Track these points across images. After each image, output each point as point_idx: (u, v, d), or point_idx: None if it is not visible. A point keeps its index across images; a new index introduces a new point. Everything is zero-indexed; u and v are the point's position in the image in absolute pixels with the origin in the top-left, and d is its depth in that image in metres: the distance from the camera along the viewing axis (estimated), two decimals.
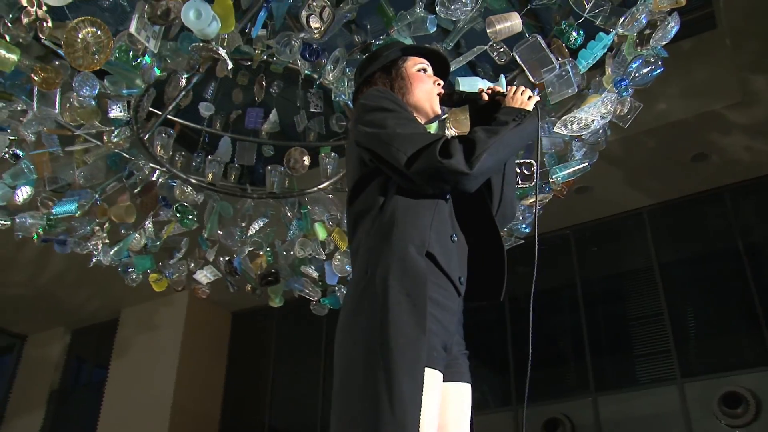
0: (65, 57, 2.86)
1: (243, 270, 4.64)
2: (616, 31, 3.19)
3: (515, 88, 2.06)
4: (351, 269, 3.00)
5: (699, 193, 7.52)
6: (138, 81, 3.19)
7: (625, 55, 3.45)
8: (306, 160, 4.66)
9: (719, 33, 6.52)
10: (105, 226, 4.23)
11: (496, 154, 1.82)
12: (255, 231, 4.49)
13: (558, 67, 3.06)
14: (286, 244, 4.64)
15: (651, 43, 3.21)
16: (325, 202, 4.44)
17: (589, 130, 3.35)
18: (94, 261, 4.41)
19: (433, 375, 1.68)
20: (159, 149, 3.92)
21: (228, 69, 3.08)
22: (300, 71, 3.45)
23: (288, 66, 3.55)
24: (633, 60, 3.30)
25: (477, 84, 2.14)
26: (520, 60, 3.01)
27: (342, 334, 1.75)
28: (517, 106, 1.99)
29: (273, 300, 4.86)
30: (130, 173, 4.31)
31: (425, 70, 2.18)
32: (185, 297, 8.84)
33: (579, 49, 3.31)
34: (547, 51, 3.00)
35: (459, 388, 1.90)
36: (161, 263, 4.64)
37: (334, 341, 1.77)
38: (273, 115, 4.99)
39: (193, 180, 4.27)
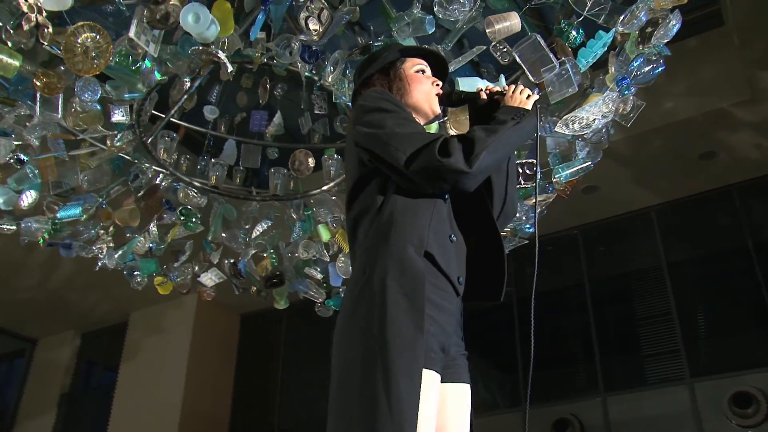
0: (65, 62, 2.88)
1: (248, 272, 4.65)
2: (615, 30, 3.18)
3: (514, 87, 2.07)
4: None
5: (707, 192, 7.48)
6: (139, 85, 3.21)
7: (628, 54, 3.43)
8: (311, 161, 4.67)
9: (726, 30, 6.49)
10: (110, 229, 4.25)
11: (495, 152, 1.82)
12: (258, 233, 4.49)
13: (558, 66, 3.05)
14: (290, 246, 4.64)
15: (653, 41, 3.19)
16: (329, 203, 4.44)
17: (591, 129, 3.33)
18: (99, 264, 4.43)
19: (431, 376, 1.68)
20: (162, 152, 3.93)
21: (229, 72, 3.09)
22: (300, 73, 3.45)
23: (289, 68, 3.55)
24: (635, 58, 3.28)
25: (476, 84, 2.14)
26: (519, 59, 3.00)
27: (340, 334, 1.74)
28: (516, 105, 1.99)
29: (278, 302, 4.87)
30: (135, 176, 4.33)
31: (424, 71, 2.18)
32: (194, 299, 8.87)
33: (579, 48, 3.29)
34: (547, 50, 2.99)
35: (458, 388, 1.90)
36: (166, 266, 4.65)
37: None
38: (277, 118, 5.00)
39: (197, 183, 4.28)
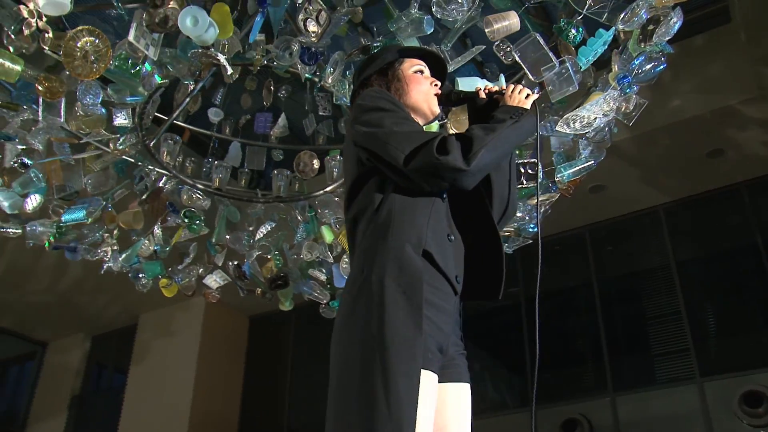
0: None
1: (252, 274, 4.66)
2: (616, 28, 3.16)
3: (513, 86, 2.08)
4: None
5: (716, 190, 7.42)
6: (140, 89, 3.22)
7: (630, 52, 3.42)
8: (315, 163, 4.68)
9: (733, 27, 6.44)
10: (114, 232, 4.27)
11: (493, 151, 1.83)
12: (262, 235, 4.50)
13: (558, 65, 3.04)
14: (294, 247, 4.65)
15: (654, 39, 3.18)
16: (333, 204, 4.44)
17: (592, 128, 3.32)
18: (105, 267, 4.46)
19: (428, 377, 1.68)
20: (165, 155, 3.95)
21: (228, 74, 3.10)
22: (300, 75, 3.45)
23: (290, 70, 3.55)
24: (636, 56, 3.27)
25: (476, 84, 2.15)
26: (519, 59, 2.99)
27: (339, 333, 1.75)
28: (515, 104, 2.00)
29: (283, 303, 4.88)
30: (140, 179, 4.35)
31: (422, 71, 2.19)
32: (202, 302, 8.88)
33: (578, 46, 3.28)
34: (546, 49, 2.98)
35: (457, 388, 1.89)
36: (170, 268, 4.67)
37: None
38: (282, 119, 5.01)
39: (200, 185, 4.29)
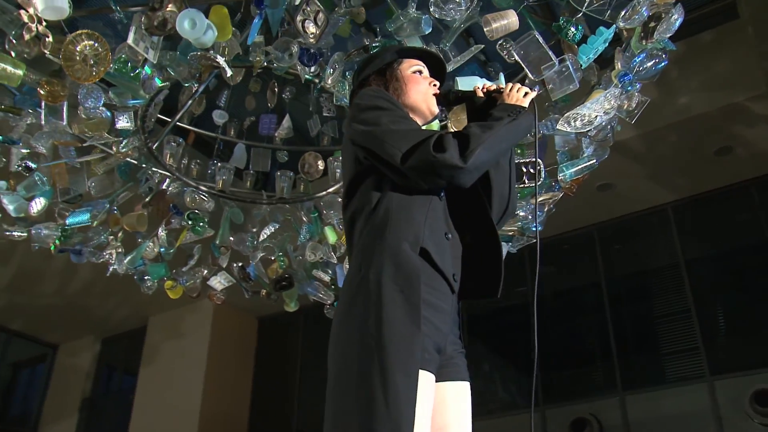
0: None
1: (257, 275, 4.67)
2: (616, 25, 3.15)
3: (511, 85, 2.08)
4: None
5: (724, 187, 7.37)
6: (141, 92, 3.24)
7: (633, 49, 3.40)
8: (320, 164, 4.69)
9: (741, 23, 6.40)
10: (119, 235, 4.29)
11: (490, 148, 1.83)
12: (266, 236, 4.51)
13: (557, 64, 3.03)
14: (298, 249, 4.65)
15: (655, 36, 3.16)
16: (337, 205, 4.45)
17: (593, 126, 3.31)
18: (110, 270, 4.48)
19: (425, 377, 1.68)
20: (168, 158, 3.96)
21: (228, 76, 3.11)
22: (300, 76, 3.45)
23: (290, 72, 3.55)
24: (637, 54, 3.25)
25: (475, 83, 2.15)
26: (518, 57, 2.99)
27: (337, 331, 1.75)
28: (513, 102, 2.00)
29: (288, 304, 4.89)
30: (145, 181, 4.37)
31: (421, 71, 2.19)
32: (211, 303, 8.83)
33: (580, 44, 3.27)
34: (546, 48, 2.97)
35: (457, 386, 1.88)
36: (175, 270, 4.69)
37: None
38: (286, 121, 5.02)
39: (203, 187, 4.30)
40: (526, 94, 2.04)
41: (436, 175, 1.79)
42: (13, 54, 3.13)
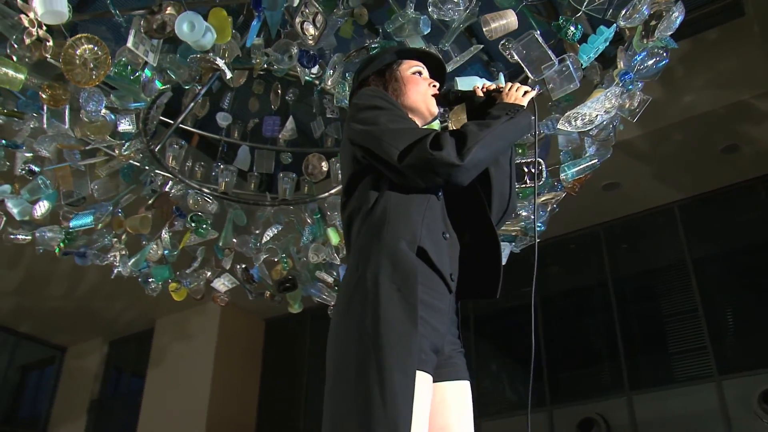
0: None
1: (260, 277, 4.67)
2: (617, 24, 3.14)
3: (511, 84, 2.07)
4: None
5: (731, 186, 7.33)
6: (143, 94, 3.24)
7: (635, 48, 3.39)
8: (324, 165, 4.69)
9: (746, 20, 6.37)
10: (122, 237, 4.31)
11: (488, 147, 1.83)
12: (269, 238, 4.51)
13: (557, 63, 3.02)
14: (301, 250, 4.66)
15: (656, 35, 3.15)
16: (340, 206, 4.43)
17: (594, 125, 3.29)
18: (115, 272, 4.49)
19: (422, 378, 1.67)
20: (171, 160, 3.97)
21: (228, 78, 3.11)
22: (300, 78, 3.46)
23: (290, 73, 3.56)
24: (638, 53, 3.24)
25: (475, 83, 2.15)
26: (517, 57, 2.98)
27: (334, 331, 1.75)
28: (512, 101, 2.00)
29: (292, 306, 4.90)
30: (149, 182, 4.38)
31: (420, 72, 2.19)
32: (218, 305, 8.94)
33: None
34: (546, 47, 2.96)
35: (457, 386, 1.88)
36: (178, 272, 4.70)
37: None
38: (290, 123, 5.03)
39: (206, 189, 4.31)
40: (525, 93, 2.04)
41: (433, 173, 1.79)
42: (15, 58, 3.14)
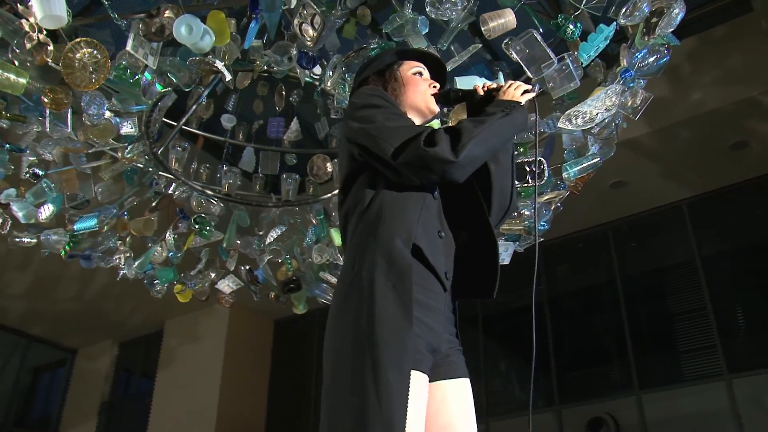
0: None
1: (265, 278, 4.68)
2: (617, 22, 3.12)
3: (509, 82, 2.07)
4: None
5: (740, 183, 7.28)
6: (143, 97, 3.26)
7: (637, 46, 3.37)
8: (329, 166, 4.69)
9: (754, 16, 6.33)
10: (127, 240, 4.33)
11: (483, 143, 1.82)
12: (273, 239, 4.51)
13: (556, 62, 3.00)
14: (305, 251, 4.66)
15: (657, 32, 3.13)
16: None
17: (594, 123, 3.28)
18: (120, 275, 4.51)
19: (417, 377, 1.67)
20: (174, 162, 3.99)
21: (228, 80, 3.12)
22: (300, 79, 3.46)
23: (290, 75, 3.56)
24: (639, 50, 3.22)
25: (474, 82, 2.14)
26: (516, 56, 2.96)
27: (331, 329, 1.75)
28: (508, 99, 1.99)
29: (297, 307, 4.90)
30: (153, 185, 4.40)
31: (421, 73, 2.19)
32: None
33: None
34: (545, 46, 2.94)
35: (457, 383, 1.87)
36: (183, 274, 4.71)
37: None
38: (294, 124, 5.03)
39: (209, 191, 4.32)
40: (525, 92, 2.03)
41: (428, 170, 1.78)
42: (17, 63, 3.16)
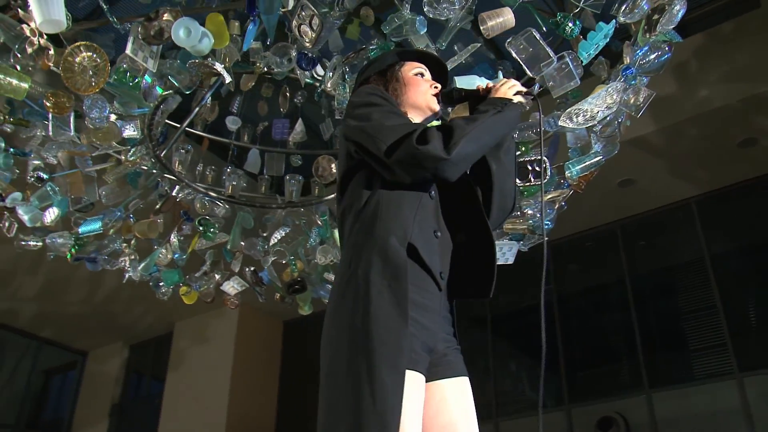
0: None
1: (270, 279, 4.68)
2: (617, 20, 3.11)
3: (503, 81, 2.07)
4: None
5: (749, 180, 7.21)
6: (144, 100, 3.27)
7: (639, 43, 3.36)
8: (333, 167, 4.69)
9: (762, 12, 6.28)
10: (131, 242, 4.34)
11: (475, 140, 1.82)
12: (277, 240, 4.52)
13: (556, 61, 2.99)
14: (309, 252, 4.66)
15: (658, 29, 3.11)
16: None
17: (596, 121, 3.26)
18: (126, 277, 4.54)
19: (413, 377, 1.67)
20: (177, 165, 4.00)
21: (228, 83, 3.13)
22: (300, 80, 3.46)
23: (290, 76, 3.57)
24: (641, 47, 3.20)
25: (475, 82, 2.14)
26: (515, 54, 2.95)
27: (327, 327, 1.75)
28: (500, 96, 1.99)
29: (302, 308, 4.91)
30: (157, 187, 4.42)
31: (422, 74, 2.19)
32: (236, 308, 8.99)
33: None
34: (543, 44, 2.93)
35: (455, 382, 1.87)
36: (188, 276, 4.72)
37: None
38: (299, 125, 5.04)
39: (212, 193, 4.34)
40: (518, 91, 2.03)
41: (420, 168, 1.78)
42: (18, 67, 3.19)
